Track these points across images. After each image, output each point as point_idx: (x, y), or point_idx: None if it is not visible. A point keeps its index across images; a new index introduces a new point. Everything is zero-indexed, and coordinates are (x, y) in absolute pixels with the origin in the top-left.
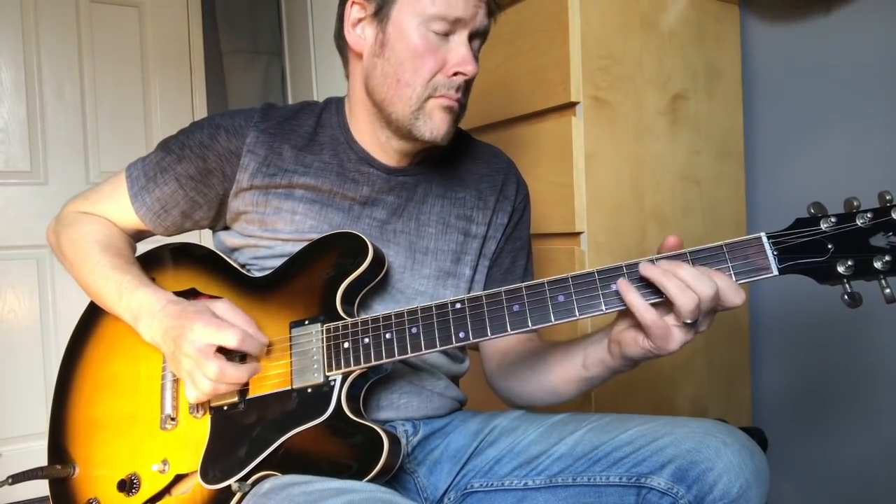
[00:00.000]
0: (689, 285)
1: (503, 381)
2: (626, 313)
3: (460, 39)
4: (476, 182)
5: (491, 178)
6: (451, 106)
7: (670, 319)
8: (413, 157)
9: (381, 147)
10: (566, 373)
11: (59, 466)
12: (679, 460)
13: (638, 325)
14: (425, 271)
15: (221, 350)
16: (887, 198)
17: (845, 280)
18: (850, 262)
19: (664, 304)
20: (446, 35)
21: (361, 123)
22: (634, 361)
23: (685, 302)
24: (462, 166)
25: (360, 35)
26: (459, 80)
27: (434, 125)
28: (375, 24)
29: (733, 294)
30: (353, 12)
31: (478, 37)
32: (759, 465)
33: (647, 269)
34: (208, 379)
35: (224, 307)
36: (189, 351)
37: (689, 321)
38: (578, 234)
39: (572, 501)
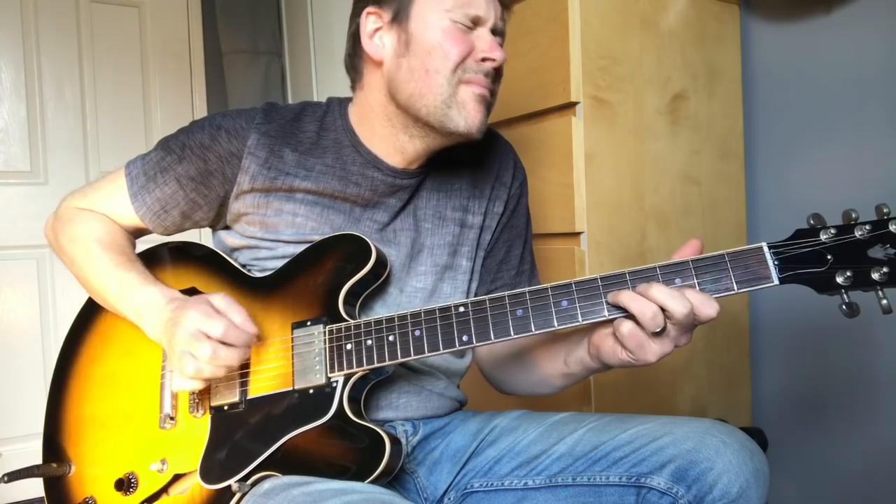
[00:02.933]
0: (655, 300)
1: (492, 371)
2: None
3: (485, 30)
4: (472, 170)
5: (487, 163)
6: (483, 94)
7: (643, 332)
8: (426, 160)
9: (398, 149)
10: (551, 368)
11: (54, 464)
12: (679, 460)
13: (616, 336)
14: (421, 268)
15: None
16: (885, 210)
17: (843, 290)
18: (848, 273)
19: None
20: (470, 28)
21: (377, 129)
22: (610, 367)
23: (641, 310)
24: (457, 155)
25: (379, 44)
26: (488, 66)
27: (468, 115)
28: (395, 29)
29: (707, 307)
30: (368, 23)
31: (499, 34)
32: (759, 465)
33: (613, 297)
34: (203, 361)
35: (220, 298)
36: (181, 336)
37: (654, 331)
38: (578, 234)
39: (572, 501)
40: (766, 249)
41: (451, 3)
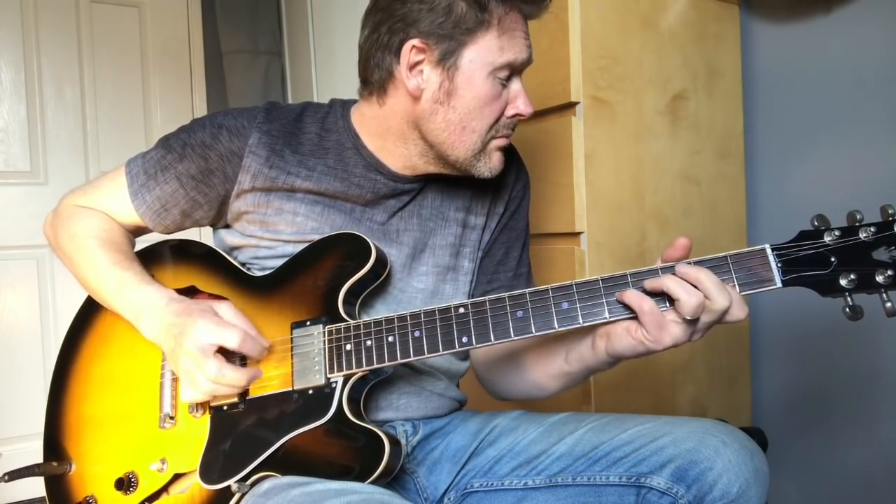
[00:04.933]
0: (703, 287)
1: (487, 374)
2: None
3: (518, 82)
4: None
5: None
6: (506, 145)
7: (669, 315)
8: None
9: (407, 165)
10: (549, 368)
11: (55, 463)
12: (679, 460)
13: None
14: (423, 268)
15: (222, 353)
16: (889, 212)
17: (847, 293)
18: (852, 276)
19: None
20: (508, 79)
21: (390, 145)
22: (616, 358)
23: (688, 297)
24: None
25: (421, 80)
26: (517, 119)
27: (493, 165)
28: (441, 72)
29: (738, 309)
30: (412, 56)
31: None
32: (759, 465)
33: (652, 283)
34: (207, 379)
35: (227, 309)
36: (189, 349)
37: (689, 318)
38: (578, 234)
39: (572, 501)
40: (769, 251)
41: (498, 57)
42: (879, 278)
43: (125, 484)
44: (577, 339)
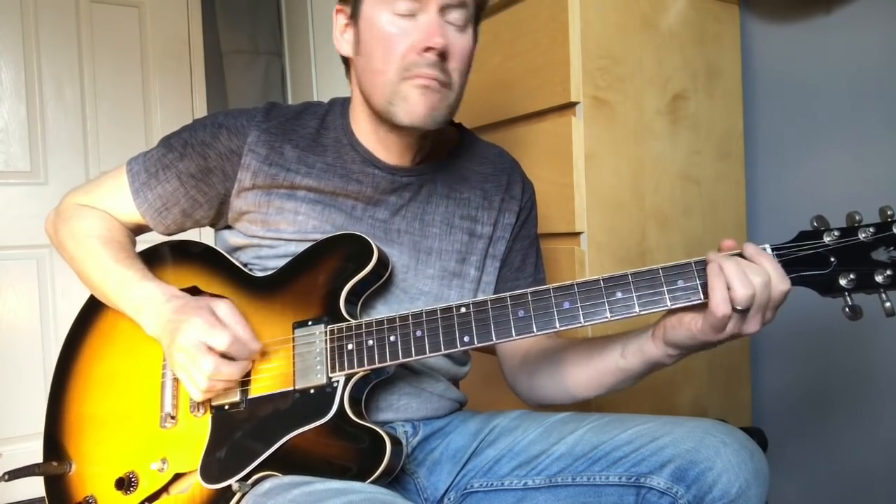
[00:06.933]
0: (747, 274)
1: (528, 378)
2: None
3: (428, 15)
4: (481, 182)
5: (496, 177)
6: (426, 85)
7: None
8: (415, 154)
9: (383, 145)
10: (602, 363)
11: (55, 463)
12: (678, 460)
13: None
14: (429, 271)
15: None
16: (888, 213)
17: (847, 293)
18: (851, 276)
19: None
20: (414, 15)
21: (363, 124)
22: (674, 349)
23: (741, 287)
24: (466, 166)
25: (345, 41)
26: (431, 56)
27: (409, 107)
28: (352, 27)
29: (780, 280)
30: (338, 21)
31: (455, 8)
32: (759, 464)
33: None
34: (204, 375)
35: (225, 308)
36: (183, 345)
37: (740, 308)
38: (578, 234)
39: (572, 501)
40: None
41: None
42: (878, 278)
43: (125, 484)
44: (638, 333)
